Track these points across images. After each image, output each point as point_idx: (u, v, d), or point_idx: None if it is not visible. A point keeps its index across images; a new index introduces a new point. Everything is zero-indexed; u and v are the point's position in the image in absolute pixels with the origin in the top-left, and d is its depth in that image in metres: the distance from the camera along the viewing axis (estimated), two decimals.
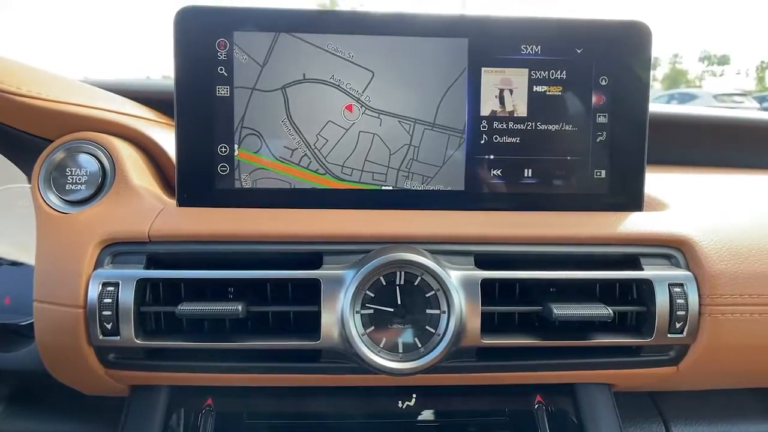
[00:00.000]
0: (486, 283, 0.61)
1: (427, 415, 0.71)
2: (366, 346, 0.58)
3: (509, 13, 0.70)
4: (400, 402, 0.69)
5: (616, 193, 0.71)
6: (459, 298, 0.59)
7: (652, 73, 0.72)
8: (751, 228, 0.67)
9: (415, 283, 0.60)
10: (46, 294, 0.61)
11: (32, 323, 0.76)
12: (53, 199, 0.66)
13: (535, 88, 0.70)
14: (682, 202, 0.72)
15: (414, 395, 0.69)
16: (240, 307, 0.58)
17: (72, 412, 0.75)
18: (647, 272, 0.62)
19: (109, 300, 0.58)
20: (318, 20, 0.68)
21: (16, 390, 0.77)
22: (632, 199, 0.71)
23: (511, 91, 0.70)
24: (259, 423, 0.68)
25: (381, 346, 0.59)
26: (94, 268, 0.61)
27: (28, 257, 0.78)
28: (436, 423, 0.69)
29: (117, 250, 0.62)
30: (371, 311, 0.59)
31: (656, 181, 0.81)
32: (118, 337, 0.59)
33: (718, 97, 11.95)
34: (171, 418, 0.68)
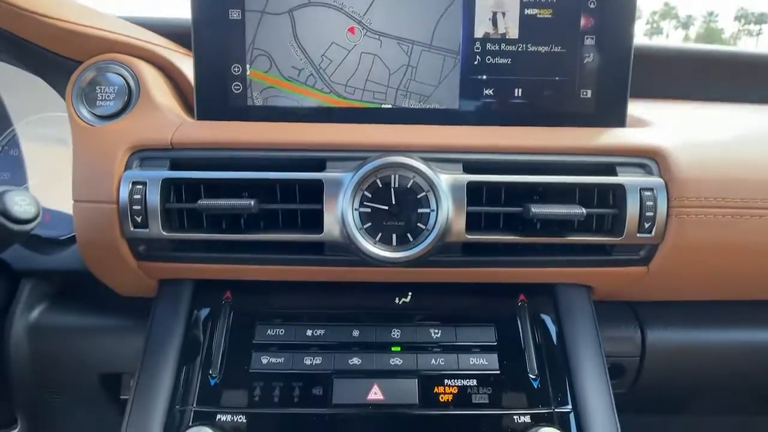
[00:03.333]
0: (473, 188, 0.67)
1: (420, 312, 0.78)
2: (363, 238, 0.66)
3: None
4: (396, 298, 0.77)
5: (600, 111, 0.76)
6: (447, 199, 0.66)
7: (684, 32, 0.75)
8: (724, 141, 0.72)
9: (408, 186, 0.67)
10: (83, 194, 0.70)
11: (70, 237, 0.86)
12: (85, 113, 0.74)
13: (526, 11, 0.75)
14: (663, 121, 0.77)
15: (410, 293, 0.77)
16: (252, 203, 0.66)
17: (108, 309, 0.85)
18: (620, 178, 0.68)
19: (138, 196, 0.67)
20: None
21: (58, 290, 0.87)
22: (616, 116, 0.76)
23: (503, 14, 0.75)
24: (273, 319, 0.76)
25: (377, 239, 0.67)
26: (124, 170, 0.69)
27: (60, 180, 0.88)
28: (428, 317, 0.76)
29: (144, 155, 0.70)
30: (368, 209, 0.67)
31: (643, 108, 0.85)
32: (147, 230, 0.67)
33: None
34: (194, 313, 0.77)
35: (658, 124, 0.77)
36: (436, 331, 0.73)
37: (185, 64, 0.81)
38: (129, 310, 0.84)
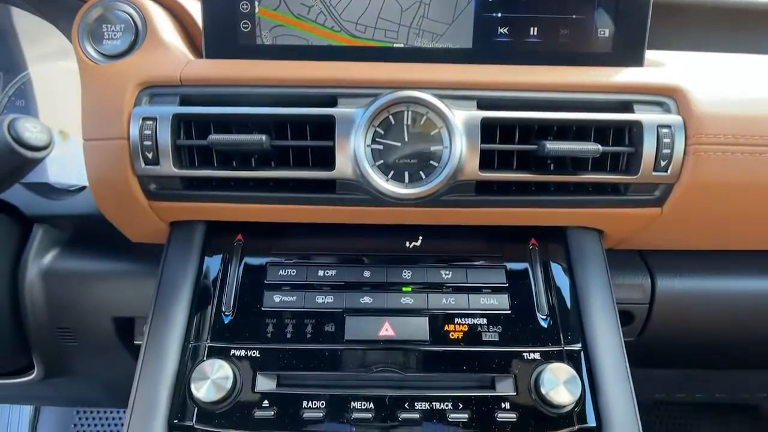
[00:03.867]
0: (487, 125, 0.67)
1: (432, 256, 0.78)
2: (376, 174, 0.65)
3: None
4: (407, 242, 0.77)
5: (618, 51, 0.74)
6: (460, 135, 0.65)
7: None
8: (742, 80, 0.70)
9: (421, 122, 0.66)
10: (93, 132, 0.69)
11: (80, 188, 0.86)
12: (91, 51, 0.73)
13: None
14: (681, 63, 0.75)
15: (420, 237, 0.77)
16: (264, 138, 0.65)
17: (120, 255, 0.86)
18: (638, 115, 0.67)
19: (149, 132, 0.66)
20: None
21: (70, 236, 0.88)
22: (634, 56, 0.74)
23: None
24: (285, 260, 0.76)
25: (389, 176, 0.66)
26: (134, 107, 0.68)
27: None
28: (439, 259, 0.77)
29: (153, 92, 0.69)
30: (381, 146, 0.66)
31: (659, 55, 0.83)
32: (159, 167, 0.67)
33: None
34: (205, 255, 0.77)
35: (675, 64, 0.75)
36: (447, 272, 0.73)
37: (192, 6, 0.79)
38: (140, 255, 0.85)
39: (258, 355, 0.67)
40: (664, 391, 1.26)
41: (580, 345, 0.69)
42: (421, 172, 0.66)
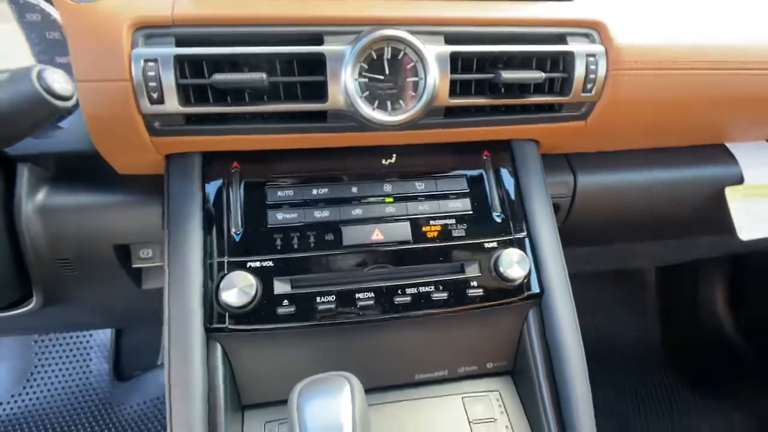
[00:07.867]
0: (452, 57, 0.78)
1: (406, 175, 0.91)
2: (364, 105, 0.76)
3: None
4: (384, 160, 0.89)
5: None
6: (434, 68, 0.77)
7: None
8: (659, 11, 0.87)
9: (399, 57, 0.76)
10: (89, 73, 0.72)
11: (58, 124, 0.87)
12: None
13: None
14: None
15: (394, 154, 0.90)
16: (264, 76, 0.72)
17: (110, 187, 0.91)
18: (571, 46, 0.82)
19: (152, 73, 0.71)
20: None
21: (55, 173, 0.90)
22: None
23: None
24: (280, 182, 0.86)
25: (374, 106, 0.77)
26: (131, 48, 0.71)
27: None
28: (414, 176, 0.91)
29: (148, 32, 0.72)
30: (366, 79, 0.76)
31: None
32: (164, 105, 0.73)
33: None
34: (207, 183, 0.84)
35: None
36: (420, 183, 0.88)
37: None
38: (130, 186, 0.90)
39: (272, 265, 0.79)
40: (577, 265, 1.55)
41: (525, 233, 0.88)
42: (401, 101, 0.78)
